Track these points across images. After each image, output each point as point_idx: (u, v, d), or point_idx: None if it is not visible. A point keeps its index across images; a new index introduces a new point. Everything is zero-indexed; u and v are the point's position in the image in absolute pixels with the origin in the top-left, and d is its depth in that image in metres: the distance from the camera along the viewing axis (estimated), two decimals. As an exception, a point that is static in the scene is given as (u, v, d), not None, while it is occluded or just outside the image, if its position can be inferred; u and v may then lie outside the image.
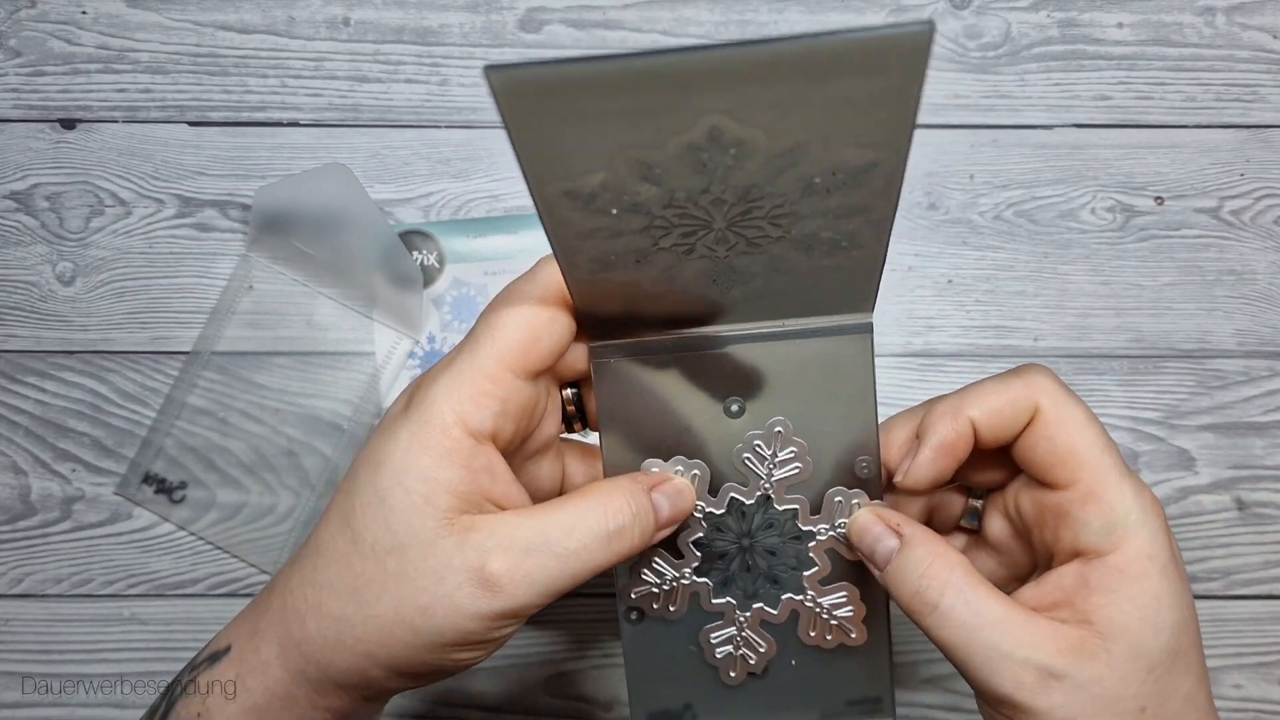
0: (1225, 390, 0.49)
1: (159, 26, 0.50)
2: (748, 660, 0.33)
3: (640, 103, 0.21)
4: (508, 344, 0.28)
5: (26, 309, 0.49)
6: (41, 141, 0.50)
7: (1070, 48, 0.51)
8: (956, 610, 0.28)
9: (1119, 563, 0.28)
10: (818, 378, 0.31)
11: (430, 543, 0.27)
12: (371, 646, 0.28)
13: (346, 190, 0.46)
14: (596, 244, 0.25)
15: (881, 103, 0.21)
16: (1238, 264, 0.50)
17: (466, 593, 0.27)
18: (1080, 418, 0.29)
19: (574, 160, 0.22)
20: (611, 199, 0.23)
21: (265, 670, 0.29)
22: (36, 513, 0.48)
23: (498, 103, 0.20)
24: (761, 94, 0.21)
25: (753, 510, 0.32)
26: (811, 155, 0.23)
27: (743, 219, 0.25)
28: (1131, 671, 0.27)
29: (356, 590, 0.28)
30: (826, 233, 0.25)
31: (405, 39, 0.50)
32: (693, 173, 0.23)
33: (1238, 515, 0.48)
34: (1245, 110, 0.50)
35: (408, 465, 0.27)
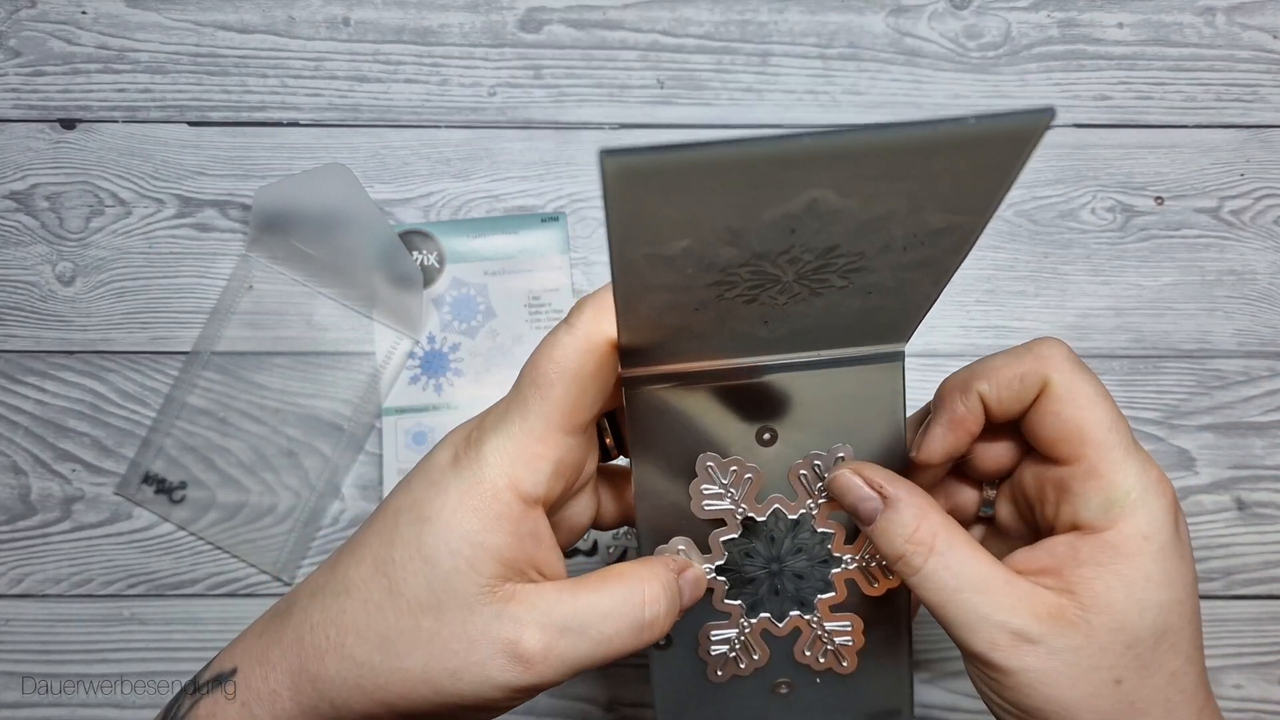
0: (1225, 390, 0.49)
1: (159, 26, 0.50)
2: (738, 664, 0.33)
3: (747, 184, 0.21)
4: (556, 403, 0.28)
5: (26, 309, 0.49)
6: (41, 141, 0.50)
7: (1070, 48, 0.51)
8: (939, 573, 0.28)
9: (1112, 539, 0.28)
10: (849, 404, 0.31)
11: (470, 608, 0.27)
12: (392, 698, 0.28)
13: (346, 190, 0.46)
14: (661, 296, 0.25)
15: (980, 177, 0.21)
16: (1238, 264, 0.50)
17: (498, 664, 0.27)
18: (1090, 393, 0.29)
19: (666, 230, 0.22)
20: (691, 261, 0.23)
21: (274, 700, 0.29)
22: (36, 513, 0.48)
23: (605, 184, 0.20)
24: (869, 170, 0.21)
25: (782, 536, 0.32)
26: (899, 220, 0.23)
27: (814, 274, 0.25)
28: (1110, 644, 0.27)
29: (386, 641, 0.28)
30: (890, 282, 0.26)
31: (405, 39, 0.50)
32: (779, 237, 0.23)
33: (1238, 515, 0.48)
34: (1245, 110, 0.50)
35: (455, 526, 0.27)
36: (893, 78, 0.51)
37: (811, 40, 0.51)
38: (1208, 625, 0.48)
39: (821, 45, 0.51)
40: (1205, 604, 0.48)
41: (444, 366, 0.48)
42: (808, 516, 0.32)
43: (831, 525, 0.32)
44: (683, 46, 0.51)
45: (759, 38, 0.51)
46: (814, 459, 0.31)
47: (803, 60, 0.51)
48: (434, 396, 0.48)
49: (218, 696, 0.29)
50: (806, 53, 0.51)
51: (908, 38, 0.51)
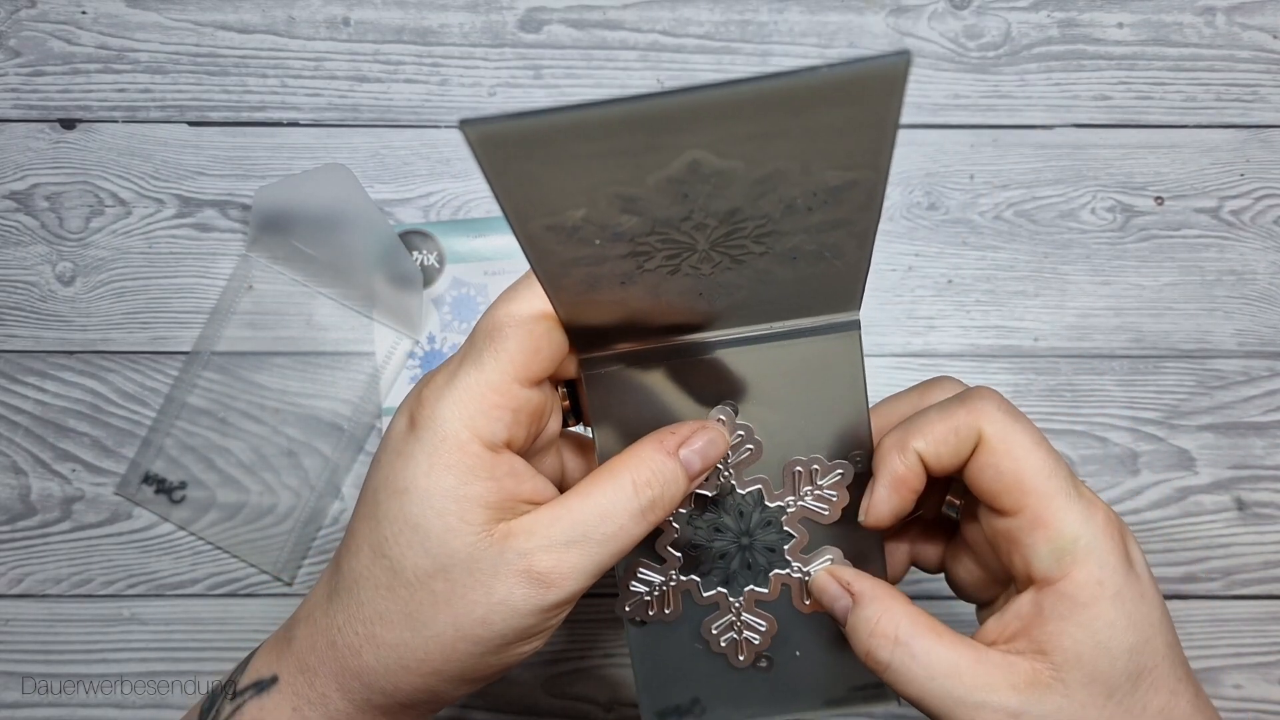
0: (1225, 390, 0.49)
1: (159, 26, 0.50)
2: (752, 642, 0.33)
3: (618, 146, 0.21)
4: (511, 355, 0.28)
5: (26, 309, 0.49)
6: (41, 141, 0.50)
7: (1070, 48, 0.51)
8: (907, 665, 0.28)
9: (1068, 589, 0.28)
10: (807, 378, 0.31)
11: (473, 558, 0.27)
12: (437, 664, 0.28)
13: (346, 190, 0.46)
14: (581, 270, 0.25)
15: (859, 129, 0.21)
16: (1238, 264, 0.50)
17: (520, 595, 0.27)
18: (1025, 443, 0.29)
19: (554, 199, 0.22)
20: (594, 231, 0.24)
21: (325, 702, 0.29)
22: (36, 513, 0.48)
23: (474, 153, 0.20)
24: (740, 129, 0.21)
25: (750, 510, 0.32)
26: (791, 179, 0.23)
27: (725, 240, 0.25)
28: (1090, 698, 0.27)
29: (409, 616, 0.28)
30: (810, 246, 0.26)
31: (405, 39, 0.50)
32: (673, 203, 0.23)
33: (1238, 515, 0.48)
34: (1245, 110, 0.50)
35: (433, 488, 0.28)
36: (893, 78, 0.51)
37: (812, 40, 0.51)
38: (1207, 625, 0.48)
39: (822, 45, 0.51)
40: (1205, 604, 0.48)
41: (444, 366, 0.48)
42: (780, 510, 0.32)
43: (754, 482, 0.32)
44: (683, 46, 0.51)
45: (759, 38, 0.51)
46: (813, 462, 0.31)
47: (803, 60, 0.51)
48: (434, 396, 0.48)
49: (263, 701, 0.29)
50: (806, 53, 0.51)
51: (907, 38, 0.51)
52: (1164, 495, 0.48)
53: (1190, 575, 0.48)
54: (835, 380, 0.31)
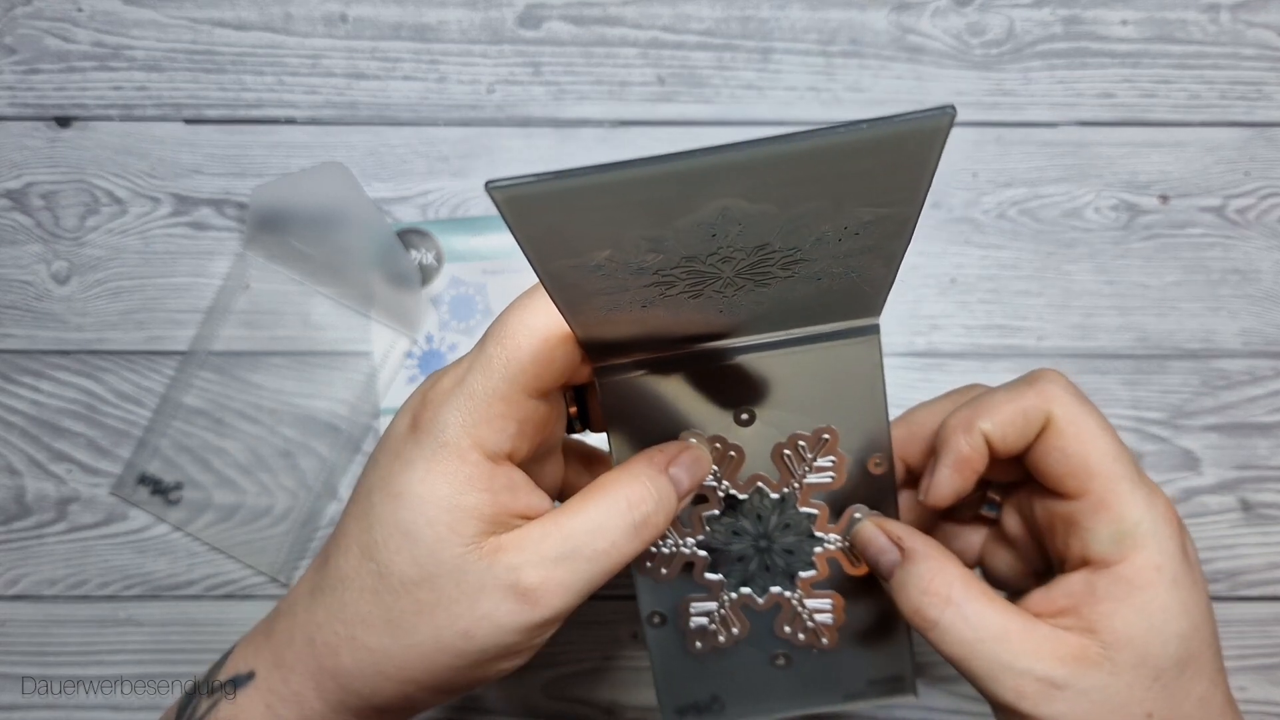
0: (1230, 390, 0.49)
1: (155, 24, 0.50)
2: (717, 637, 0.33)
3: (646, 200, 0.21)
4: (522, 365, 0.27)
5: (22, 308, 0.49)
6: (37, 140, 0.49)
7: (1074, 45, 0.50)
8: (956, 626, 0.28)
9: (1126, 573, 0.28)
10: (827, 381, 0.30)
11: (461, 570, 0.27)
12: (415, 674, 0.28)
13: (343, 188, 0.45)
14: (602, 299, 0.25)
15: (897, 173, 0.21)
16: (1243, 263, 0.49)
17: (505, 610, 0.27)
18: (1093, 427, 0.29)
19: (579, 245, 0.22)
20: (618, 267, 0.23)
21: (300, 701, 0.29)
22: (32, 514, 0.48)
23: (501, 212, 0.20)
24: (773, 179, 0.21)
25: (768, 513, 0.32)
26: (824, 216, 0.23)
27: (752, 269, 0.24)
28: (1137, 679, 0.27)
29: (391, 623, 0.28)
30: (836, 269, 0.25)
31: (403, 35, 0.50)
32: (701, 241, 0.23)
33: (1242, 516, 0.48)
34: (1250, 108, 0.50)
35: (428, 495, 0.27)
36: (895, 75, 0.50)
37: (813, 37, 0.50)
38: (1212, 627, 0.48)
39: (823, 42, 0.50)
40: (1210, 606, 0.48)
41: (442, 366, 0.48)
42: (791, 495, 0.32)
43: (815, 505, 0.32)
44: (683, 43, 0.50)
45: (760, 34, 0.50)
46: (798, 438, 0.31)
47: (804, 57, 0.50)
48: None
49: (237, 699, 0.29)
50: (808, 49, 0.50)
51: (910, 34, 0.50)
52: (1168, 496, 0.48)
53: (1195, 577, 0.48)
54: (855, 384, 0.31)
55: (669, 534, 0.32)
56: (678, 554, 0.33)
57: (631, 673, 0.47)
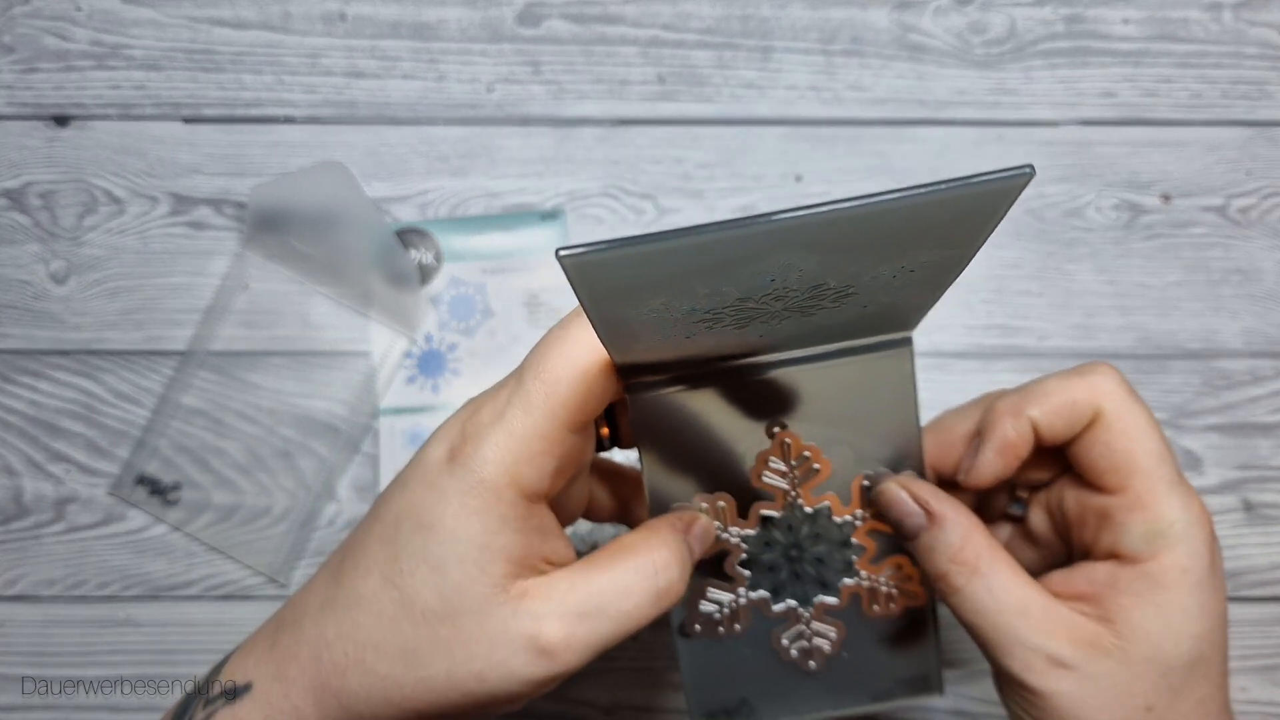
0: (1231, 390, 0.48)
1: (153, 23, 0.50)
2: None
3: (712, 264, 0.21)
4: (563, 400, 0.27)
5: (20, 308, 0.49)
6: (35, 139, 0.49)
7: (1076, 44, 0.50)
8: (980, 595, 0.28)
9: (1152, 571, 0.28)
10: (859, 394, 0.30)
11: (485, 611, 0.27)
12: (420, 706, 0.28)
13: (342, 188, 0.45)
14: (649, 336, 0.25)
15: (963, 225, 0.21)
16: (1244, 263, 0.49)
17: (521, 660, 0.27)
18: (1142, 425, 0.29)
19: (639, 296, 0.22)
20: (671, 311, 0.23)
21: (298, 715, 0.28)
22: (30, 514, 0.48)
23: (569, 278, 0.21)
24: (844, 239, 0.21)
25: (799, 523, 0.32)
26: (886, 260, 0.23)
27: (802, 305, 0.25)
28: (1144, 673, 0.28)
29: (406, 654, 0.27)
30: (885, 298, 0.26)
31: (402, 34, 0.50)
32: (758, 285, 0.23)
33: (1244, 516, 0.48)
34: (1252, 107, 0.50)
35: (461, 532, 0.27)
36: (896, 74, 0.50)
37: (814, 35, 0.50)
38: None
39: (824, 40, 0.50)
40: (1211, 606, 0.48)
41: (441, 366, 0.48)
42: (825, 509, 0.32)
43: (823, 498, 0.32)
44: (684, 42, 0.50)
45: (761, 33, 0.50)
46: (881, 478, 0.31)
47: (805, 56, 0.50)
48: (431, 397, 0.48)
49: (234, 710, 0.29)
50: (809, 48, 0.50)
51: (911, 33, 0.50)
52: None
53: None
54: (887, 396, 0.31)
55: (720, 597, 0.33)
56: (740, 607, 0.33)
57: (632, 673, 0.47)
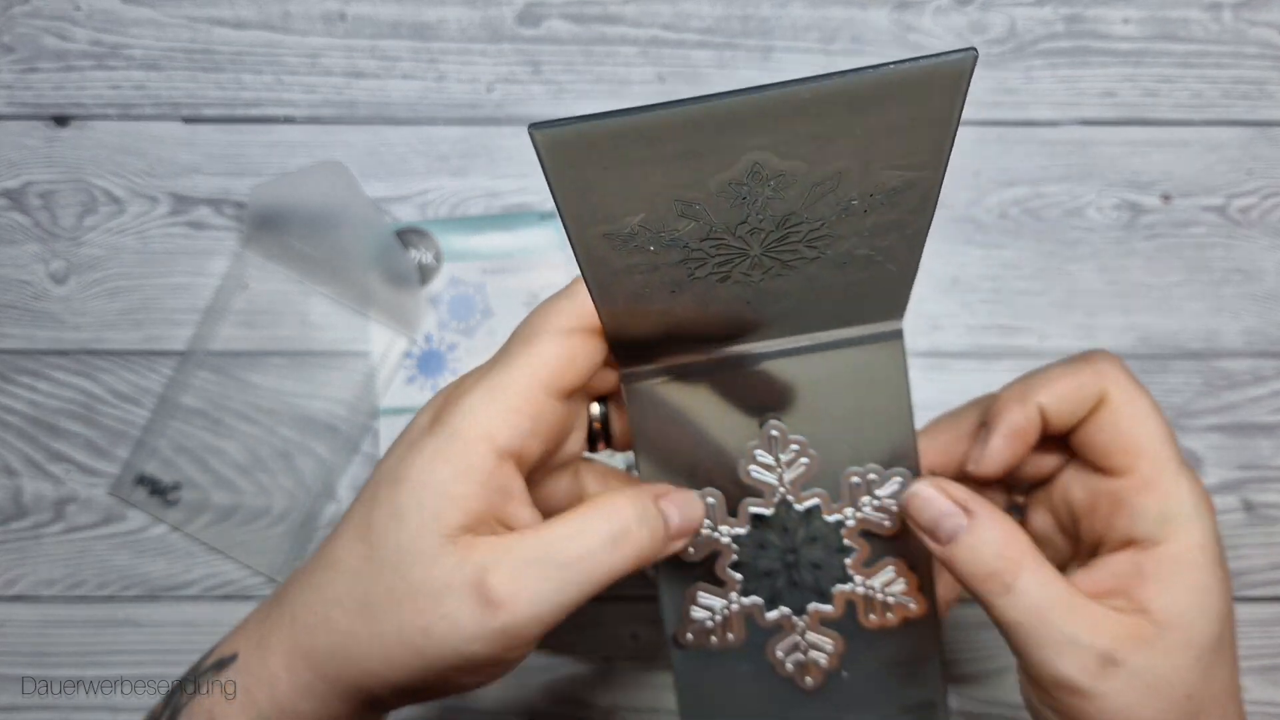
0: (1233, 390, 0.48)
1: (153, 22, 0.50)
2: (819, 663, 0.32)
3: (683, 147, 0.21)
4: (544, 361, 0.27)
5: (20, 308, 0.49)
6: (34, 139, 0.49)
7: (1076, 43, 0.50)
8: (1030, 592, 0.28)
9: (1174, 552, 0.28)
10: (852, 388, 0.30)
11: (433, 561, 0.26)
12: (376, 665, 0.27)
13: (342, 187, 0.45)
14: (633, 279, 0.25)
15: (922, 127, 0.22)
16: (1245, 263, 0.49)
17: (466, 612, 0.26)
18: (1147, 408, 0.30)
19: (615, 205, 0.22)
20: (650, 237, 0.24)
21: (273, 684, 0.28)
22: (29, 514, 0.48)
23: (541, 158, 0.21)
24: (804, 129, 0.21)
25: (795, 526, 0.31)
26: (851, 180, 0.23)
27: (779, 244, 0.25)
28: (1182, 660, 0.28)
29: (364, 607, 0.27)
30: (861, 250, 0.26)
31: (402, 34, 0.50)
32: (732, 206, 0.23)
33: (1245, 516, 0.48)
34: (1253, 107, 0.50)
35: (426, 479, 0.27)
36: (896, 74, 0.50)
37: (814, 35, 0.50)
38: (1215, 628, 0.47)
39: (824, 40, 0.50)
40: (1212, 607, 0.48)
41: (441, 366, 0.48)
42: (786, 503, 0.31)
43: (812, 496, 0.31)
44: (684, 42, 0.50)
45: (761, 32, 0.50)
46: (869, 472, 0.31)
47: (805, 55, 0.50)
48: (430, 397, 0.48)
49: (220, 678, 0.29)
50: (809, 47, 0.50)
51: (911, 32, 0.50)
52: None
53: (1197, 578, 0.48)
54: (880, 390, 0.30)
55: (711, 602, 0.32)
56: (732, 614, 0.32)
57: (631, 675, 0.47)
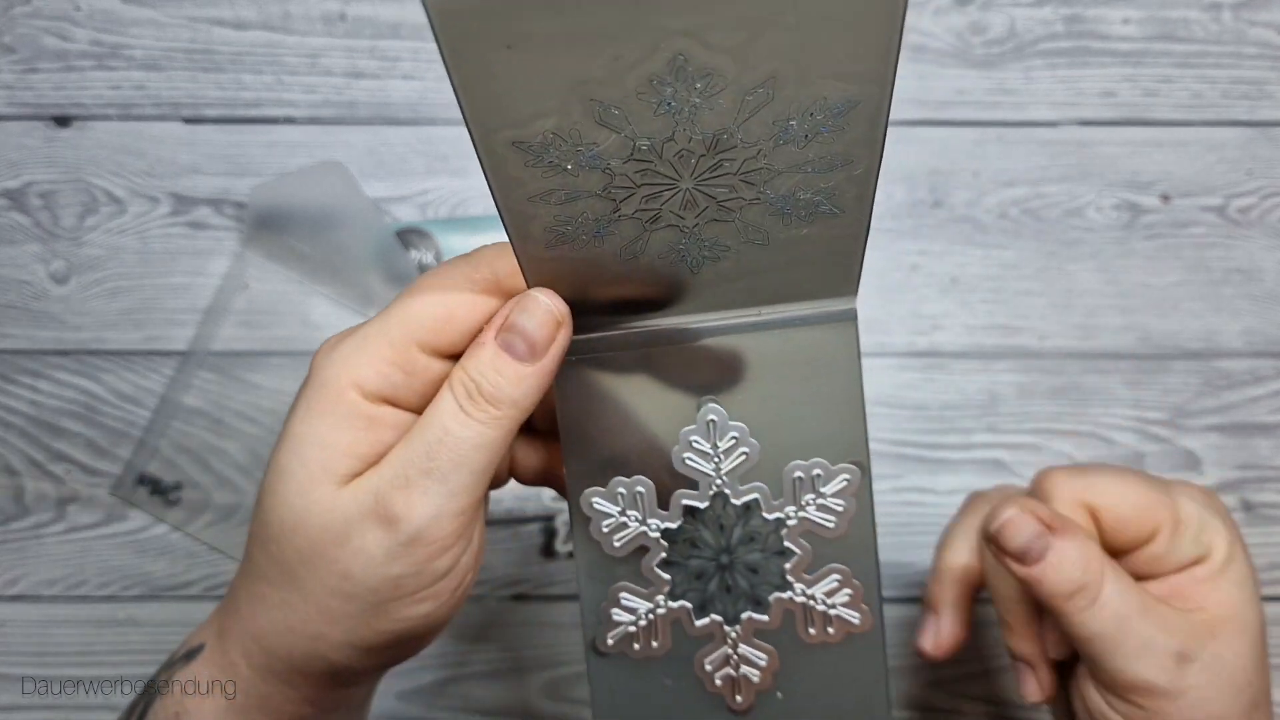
0: (1232, 390, 0.48)
1: (153, 23, 0.50)
2: (750, 679, 0.29)
3: (592, 23, 0.19)
4: (418, 317, 0.26)
5: (20, 308, 0.49)
6: (35, 139, 0.49)
7: (1076, 43, 0.50)
8: (1114, 601, 0.29)
9: (1217, 556, 0.30)
10: (799, 373, 0.28)
11: (330, 510, 0.26)
12: (318, 626, 0.26)
13: (342, 188, 0.45)
14: (551, 209, 0.23)
15: (861, 26, 0.20)
16: (1245, 263, 0.49)
17: (372, 539, 0.25)
18: (1113, 481, 0.31)
19: (522, 100, 0.20)
20: (566, 150, 0.22)
21: (235, 670, 0.28)
22: (30, 514, 0.48)
23: (435, 31, 0.19)
24: (728, 10, 0.19)
25: (731, 523, 0.29)
26: (786, 90, 0.21)
27: (712, 175, 0.23)
28: (1241, 648, 0.29)
29: (285, 573, 0.26)
30: (804, 193, 0.23)
31: (402, 34, 0.50)
32: (655, 114, 0.21)
33: (1244, 517, 0.48)
34: (1252, 107, 0.50)
35: (303, 434, 0.26)
36: (896, 74, 0.50)
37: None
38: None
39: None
40: (1211, 606, 0.48)
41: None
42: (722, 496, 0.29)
43: (751, 491, 0.29)
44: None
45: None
46: (814, 467, 0.28)
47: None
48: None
49: (190, 669, 0.29)
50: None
51: (911, 32, 0.50)
52: (1170, 496, 0.48)
53: (1196, 577, 0.48)
54: (830, 376, 0.28)
55: (635, 604, 0.29)
56: (657, 619, 0.29)
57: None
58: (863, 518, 0.29)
